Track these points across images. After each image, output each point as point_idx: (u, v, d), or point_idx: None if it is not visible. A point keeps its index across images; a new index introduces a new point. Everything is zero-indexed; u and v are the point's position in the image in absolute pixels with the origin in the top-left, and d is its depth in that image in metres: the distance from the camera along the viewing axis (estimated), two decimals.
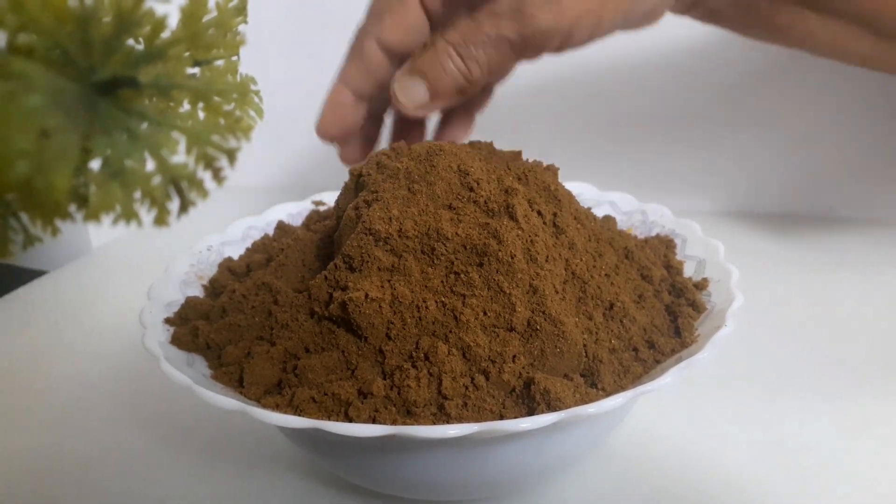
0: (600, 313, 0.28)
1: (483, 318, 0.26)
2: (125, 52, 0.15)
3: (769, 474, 0.31)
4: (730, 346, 0.39)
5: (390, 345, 0.26)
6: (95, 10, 0.14)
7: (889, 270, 0.49)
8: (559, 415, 0.23)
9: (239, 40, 0.17)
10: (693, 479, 0.31)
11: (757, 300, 0.43)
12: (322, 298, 0.27)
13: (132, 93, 0.15)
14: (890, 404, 0.35)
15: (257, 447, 0.35)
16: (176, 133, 0.15)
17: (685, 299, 0.31)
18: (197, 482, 0.33)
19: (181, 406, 0.38)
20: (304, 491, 0.32)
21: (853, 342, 0.41)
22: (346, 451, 0.27)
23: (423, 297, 0.26)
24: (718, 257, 0.33)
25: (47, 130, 0.13)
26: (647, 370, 0.28)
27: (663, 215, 0.39)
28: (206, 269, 0.36)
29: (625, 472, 0.32)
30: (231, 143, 0.16)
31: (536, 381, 0.25)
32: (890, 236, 0.55)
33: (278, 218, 0.41)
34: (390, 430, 0.22)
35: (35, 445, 0.36)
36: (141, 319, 0.30)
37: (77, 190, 0.14)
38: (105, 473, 0.34)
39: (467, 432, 0.22)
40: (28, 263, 0.60)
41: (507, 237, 0.27)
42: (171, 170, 0.15)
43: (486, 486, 0.28)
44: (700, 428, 0.34)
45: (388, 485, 0.29)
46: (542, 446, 0.26)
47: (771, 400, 0.36)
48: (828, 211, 0.60)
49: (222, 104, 0.16)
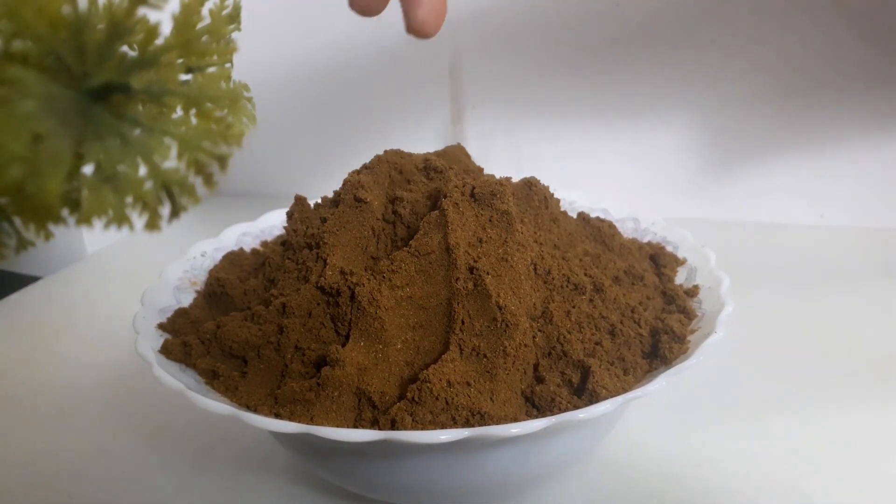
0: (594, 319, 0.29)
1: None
2: (118, 59, 0.15)
3: (759, 482, 0.31)
4: (720, 353, 0.39)
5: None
6: (89, 17, 0.15)
7: (879, 279, 0.50)
8: (549, 420, 0.23)
9: (232, 47, 0.17)
10: (684, 486, 0.31)
11: (748, 308, 0.43)
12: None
13: (125, 99, 0.15)
14: (880, 413, 0.36)
15: (250, 453, 0.35)
16: (168, 139, 0.15)
17: (676, 306, 0.32)
18: (189, 488, 0.33)
19: (174, 411, 0.38)
20: (297, 497, 0.32)
21: (843, 350, 0.41)
22: (339, 457, 0.27)
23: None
24: (710, 265, 0.34)
25: (40, 135, 0.13)
26: (637, 375, 0.28)
27: (655, 222, 0.39)
28: (200, 275, 0.36)
29: (616, 478, 0.32)
30: (223, 149, 0.16)
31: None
32: (880, 244, 0.56)
33: (272, 224, 0.41)
34: (381, 435, 0.22)
35: (27, 451, 0.36)
36: (134, 325, 0.30)
37: (69, 194, 0.14)
38: (97, 479, 0.34)
39: (458, 437, 0.22)
40: (23, 269, 0.60)
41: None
42: (162, 175, 0.15)
43: (477, 492, 0.28)
44: (691, 435, 0.35)
45: (380, 490, 0.29)
46: (533, 452, 0.26)
47: (761, 407, 0.36)
48: (818, 218, 0.61)
49: (214, 110, 0.16)
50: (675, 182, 0.63)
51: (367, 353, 0.26)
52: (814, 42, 0.55)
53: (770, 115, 0.58)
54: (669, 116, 0.61)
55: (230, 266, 0.36)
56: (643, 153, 0.63)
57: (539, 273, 0.29)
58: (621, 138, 0.63)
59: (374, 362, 0.26)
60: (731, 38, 0.57)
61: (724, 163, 0.61)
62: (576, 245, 0.33)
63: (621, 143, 0.63)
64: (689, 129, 0.61)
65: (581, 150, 0.64)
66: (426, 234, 0.28)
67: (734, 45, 0.57)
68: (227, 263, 0.36)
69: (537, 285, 0.29)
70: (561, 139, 0.64)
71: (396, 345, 0.27)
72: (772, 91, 0.58)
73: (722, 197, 0.63)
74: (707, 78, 0.59)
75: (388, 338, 0.27)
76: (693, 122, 0.61)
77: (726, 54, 0.57)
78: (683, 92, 0.60)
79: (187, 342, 0.30)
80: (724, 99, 0.59)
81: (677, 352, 0.28)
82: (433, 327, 0.27)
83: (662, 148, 0.62)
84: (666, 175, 0.63)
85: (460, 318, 0.27)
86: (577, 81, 0.62)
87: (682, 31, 0.58)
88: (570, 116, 0.63)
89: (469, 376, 0.26)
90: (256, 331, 0.29)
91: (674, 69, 0.59)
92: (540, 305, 0.29)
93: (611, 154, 0.64)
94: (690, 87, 0.59)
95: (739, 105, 0.59)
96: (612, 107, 0.62)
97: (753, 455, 0.33)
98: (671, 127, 0.61)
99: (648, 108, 0.61)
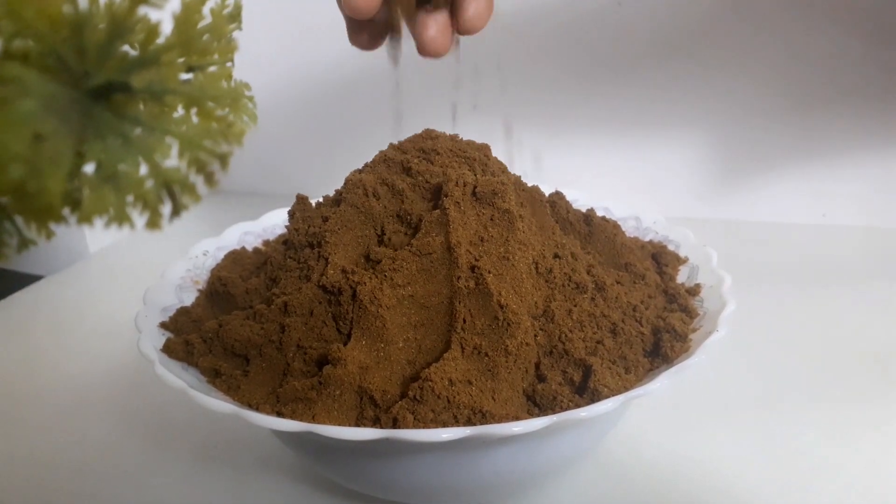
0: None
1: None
2: (119, 58, 0.15)
3: (761, 480, 0.31)
4: (722, 351, 0.39)
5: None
6: (90, 17, 0.15)
7: (881, 278, 0.50)
8: (551, 418, 0.23)
9: (233, 46, 0.17)
10: (685, 485, 0.31)
11: (749, 307, 0.43)
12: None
13: (126, 98, 0.15)
14: (881, 411, 0.36)
15: (252, 452, 0.35)
16: (169, 138, 0.15)
17: (678, 304, 0.32)
18: (191, 487, 0.33)
19: (176, 410, 0.38)
20: (299, 495, 0.32)
21: (844, 349, 0.41)
22: (340, 455, 0.27)
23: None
24: (711, 264, 0.34)
25: (41, 135, 0.14)
26: (638, 373, 0.28)
27: (657, 221, 0.39)
28: (202, 274, 0.36)
29: (617, 477, 0.32)
30: (224, 148, 0.16)
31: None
32: (882, 244, 0.55)
33: (274, 223, 0.41)
34: (382, 433, 0.22)
35: (30, 449, 0.36)
36: (136, 324, 0.30)
37: (71, 193, 0.14)
38: (99, 478, 0.34)
39: (459, 436, 0.22)
40: (25, 268, 0.60)
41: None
42: (163, 174, 0.15)
43: (479, 491, 0.28)
44: (692, 433, 0.35)
45: (382, 489, 0.29)
46: (535, 451, 0.26)
47: (762, 406, 0.36)
48: (820, 218, 0.60)
49: (215, 109, 0.16)
50: (678, 182, 0.63)
51: (369, 352, 0.27)
52: (817, 44, 0.55)
53: (772, 115, 0.58)
54: (673, 118, 0.61)
55: (232, 265, 0.36)
56: (647, 153, 0.63)
57: (540, 272, 0.29)
58: (624, 139, 0.63)
59: (376, 361, 0.26)
60: (735, 39, 0.57)
61: (727, 162, 0.61)
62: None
63: (624, 144, 0.63)
64: (692, 130, 0.61)
65: (581, 152, 0.64)
66: (427, 234, 0.28)
67: (738, 48, 0.57)
68: (229, 262, 0.36)
69: (539, 284, 0.29)
70: (562, 140, 0.64)
71: (398, 343, 0.27)
72: (774, 92, 0.57)
73: (724, 196, 0.62)
74: (711, 80, 0.59)
75: (390, 336, 0.27)
76: (696, 122, 0.61)
77: (730, 56, 0.57)
78: (688, 94, 0.60)
79: (189, 341, 0.30)
80: (727, 100, 0.59)
81: (679, 350, 0.28)
82: (435, 326, 0.27)
83: (665, 148, 0.62)
84: (668, 175, 0.63)
85: (462, 317, 0.27)
86: (579, 86, 0.62)
87: (685, 35, 0.57)
88: (571, 118, 0.63)
89: (470, 375, 0.26)
90: (258, 329, 0.29)
91: (678, 71, 0.59)
92: (541, 304, 0.29)
93: (614, 152, 0.64)
94: (694, 88, 0.59)
95: (742, 106, 0.59)
96: (612, 107, 0.62)
97: (754, 454, 0.33)
98: (674, 128, 0.61)
99: (652, 110, 0.61)
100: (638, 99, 0.61)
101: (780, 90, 0.57)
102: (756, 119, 0.59)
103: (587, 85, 0.62)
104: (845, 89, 0.56)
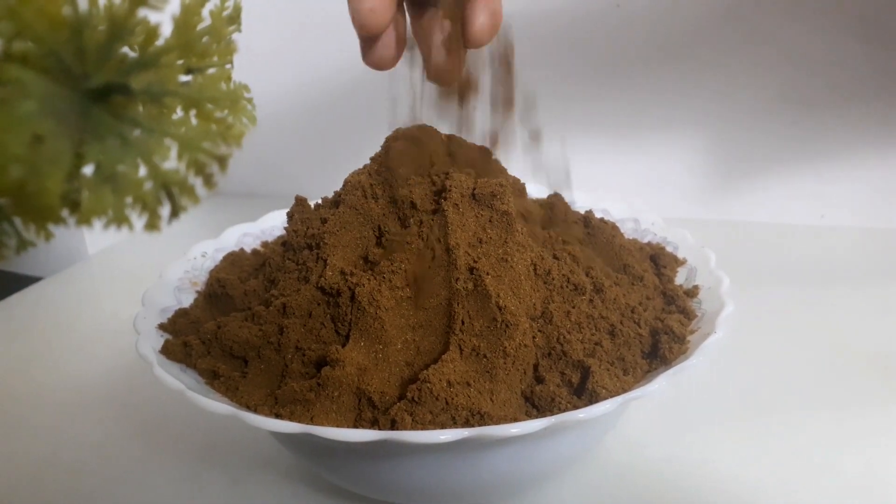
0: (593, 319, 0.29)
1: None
2: (118, 60, 0.15)
3: (759, 481, 0.31)
4: (720, 353, 0.39)
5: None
6: (89, 18, 0.15)
7: (880, 279, 0.50)
8: (549, 420, 0.23)
9: (232, 48, 0.18)
10: (684, 486, 0.31)
11: (748, 308, 0.43)
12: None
13: (125, 99, 0.15)
14: (881, 411, 0.36)
15: (251, 453, 0.35)
16: (168, 139, 0.15)
17: (676, 306, 0.32)
18: (190, 488, 0.33)
19: (174, 411, 0.38)
20: (297, 497, 0.32)
21: (843, 351, 0.41)
22: (339, 457, 0.27)
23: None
24: (710, 265, 0.34)
25: (40, 136, 0.14)
26: (636, 375, 0.28)
27: (655, 223, 0.39)
28: (201, 275, 0.36)
29: (615, 478, 0.32)
30: (222, 149, 0.16)
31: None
32: (880, 244, 0.56)
33: (273, 225, 0.41)
34: (381, 435, 0.22)
35: (28, 451, 0.36)
36: (135, 325, 0.30)
37: (69, 195, 0.15)
38: (97, 479, 0.34)
39: (458, 437, 0.22)
40: (24, 269, 0.60)
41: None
42: (162, 176, 0.15)
43: (477, 492, 0.28)
44: (690, 435, 0.35)
45: (380, 490, 0.29)
46: (533, 452, 0.26)
47: (761, 408, 0.36)
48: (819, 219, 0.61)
49: (214, 111, 0.16)
50: (676, 183, 0.63)
51: (368, 354, 0.27)
52: (815, 46, 0.55)
53: (771, 116, 0.58)
54: (671, 119, 0.61)
55: (231, 266, 0.36)
56: (645, 155, 0.63)
57: (539, 273, 0.29)
58: (623, 140, 0.63)
59: (374, 362, 0.26)
60: (733, 41, 0.57)
61: (725, 164, 0.61)
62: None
63: (622, 145, 0.63)
64: (691, 131, 0.61)
65: (579, 153, 0.64)
66: (426, 235, 0.28)
67: (738, 48, 0.57)
68: (227, 264, 0.36)
69: (537, 286, 0.29)
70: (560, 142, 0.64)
71: (396, 345, 0.27)
72: (772, 93, 0.58)
73: (722, 197, 0.62)
74: (709, 81, 0.59)
75: (388, 338, 0.27)
76: (694, 124, 0.61)
77: (729, 56, 0.57)
78: (686, 95, 0.60)
79: (188, 342, 0.30)
80: (725, 101, 0.59)
81: (677, 352, 0.28)
82: (433, 327, 0.27)
83: (664, 150, 0.62)
84: (667, 177, 0.63)
85: (460, 319, 0.27)
86: (577, 88, 0.62)
87: (683, 37, 0.58)
88: (570, 120, 0.63)
89: (469, 376, 0.26)
90: (257, 331, 0.29)
91: (676, 73, 0.59)
92: (540, 306, 0.29)
93: (612, 154, 0.64)
94: (692, 90, 0.59)
95: (740, 107, 0.59)
96: (610, 109, 0.62)
97: (753, 455, 0.33)
98: (673, 129, 0.61)
99: (650, 112, 0.61)
100: (636, 101, 0.61)
101: (778, 92, 0.57)
102: (754, 120, 0.59)
103: (585, 87, 0.62)
104: (843, 91, 0.56)
